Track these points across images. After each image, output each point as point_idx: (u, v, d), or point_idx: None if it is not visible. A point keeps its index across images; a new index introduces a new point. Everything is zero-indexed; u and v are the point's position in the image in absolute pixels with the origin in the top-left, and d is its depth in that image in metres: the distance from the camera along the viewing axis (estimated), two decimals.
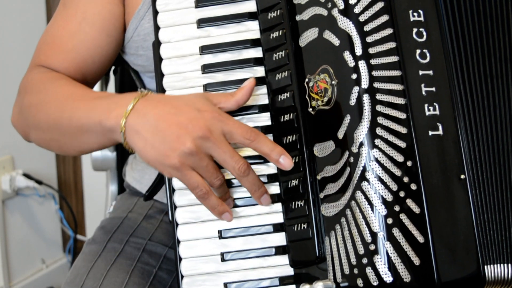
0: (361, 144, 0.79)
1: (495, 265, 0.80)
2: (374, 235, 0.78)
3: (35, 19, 2.32)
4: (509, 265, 0.81)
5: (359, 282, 0.79)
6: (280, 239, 0.88)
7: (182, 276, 0.89)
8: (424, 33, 0.82)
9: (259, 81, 0.91)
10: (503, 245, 0.81)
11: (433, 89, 0.81)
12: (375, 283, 0.77)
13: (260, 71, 0.92)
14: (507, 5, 0.85)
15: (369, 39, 0.81)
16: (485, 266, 0.80)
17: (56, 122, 0.93)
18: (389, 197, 0.78)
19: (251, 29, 0.93)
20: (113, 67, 1.24)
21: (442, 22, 0.83)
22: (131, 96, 0.85)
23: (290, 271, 0.88)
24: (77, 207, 2.49)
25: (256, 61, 0.92)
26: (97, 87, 1.37)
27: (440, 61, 0.82)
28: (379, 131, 0.79)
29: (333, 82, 0.82)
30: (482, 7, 0.85)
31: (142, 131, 0.82)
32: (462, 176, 0.80)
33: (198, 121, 0.81)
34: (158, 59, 0.94)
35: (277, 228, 0.88)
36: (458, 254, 0.79)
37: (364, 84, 0.80)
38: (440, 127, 0.80)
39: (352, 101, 0.80)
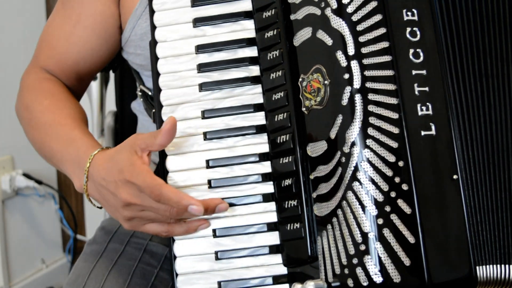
0: (352, 144, 0.79)
1: (487, 266, 0.80)
2: (364, 235, 0.78)
3: (35, 19, 2.33)
4: (502, 266, 0.80)
5: (350, 282, 0.78)
6: (274, 238, 0.88)
7: (177, 275, 0.90)
8: (418, 33, 0.82)
9: (255, 80, 0.91)
10: (496, 246, 0.81)
11: (426, 88, 0.81)
12: (365, 283, 0.77)
13: (255, 70, 0.92)
14: (503, 4, 0.85)
15: (362, 38, 0.81)
16: (477, 267, 0.79)
17: (40, 151, 1.03)
18: (380, 198, 0.78)
19: (247, 28, 0.93)
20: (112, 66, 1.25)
21: (437, 21, 0.83)
22: (85, 160, 0.92)
23: (283, 270, 0.88)
24: (77, 207, 2.49)
25: (252, 60, 0.92)
26: (97, 88, 1.39)
27: (434, 60, 0.82)
28: (370, 131, 0.79)
29: (326, 82, 0.82)
30: (478, 6, 0.84)
31: (99, 200, 0.92)
32: (455, 177, 0.80)
33: (118, 192, 0.86)
34: (154, 58, 0.94)
35: (271, 227, 0.88)
36: (449, 255, 0.78)
37: (356, 84, 0.80)
38: (433, 127, 0.80)
39: (344, 101, 0.80)
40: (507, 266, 0.81)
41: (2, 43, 2.17)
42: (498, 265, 0.80)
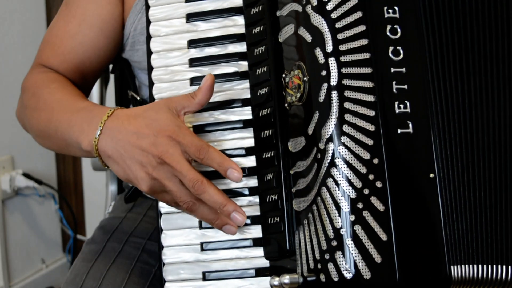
0: (328, 141, 0.80)
1: (462, 266, 0.79)
2: (336, 231, 0.78)
3: (35, 19, 2.32)
4: (477, 265, 0.80)
5: (322, 277, 0.79)
6: (258, 231, 0.90)
7: (164, 264, 0.92)
8: (399, 30, 0.81)
9: (244, 75, 0.93)
10: (472, 246, 0.80)
11: (405, 86, 0.80)
12: (335, 279, 0.78)
13: (244, 66, 0.93)
14: (485, 1, 0.83)
15: (340, 36, 0.81)
16: (452, 266, 0.79)
17: (46, 131, 0.99)
18: (353, 194, 0.78)
19: (238, 24, 0.94)
20: (111, 66, 1.27)
21: (419, 19, 0.82)
22: (100, 116, 0.88)
23: (266, 263, 0.90)
24: (77, 207, 2.49)
25: (241, 56, 0.93)
26: (97, 87, 1.41)
27: (414, 58, 0.81)
28: (346, 128, 0.79)
29: (305, 78, 0.83)
30: (461, 3, 0.83)
31: (113, 156, 0.86)
32: (432, 175, 0.79)
33: (155, 148, 0.83)
34: (149, 53, 0.96)
35: (255, 220, 0.90)
36: (423, 254, 0.78)
37: (333, 81, 0.80)
38: (411, 125, 0.80)
39: (321, 98, 0.81)
40: (482, 265, 0.80)
41: (2, 43, 2.17)
42: (474, 265, 0.80)
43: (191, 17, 0.95)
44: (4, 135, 2.16)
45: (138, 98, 1.12)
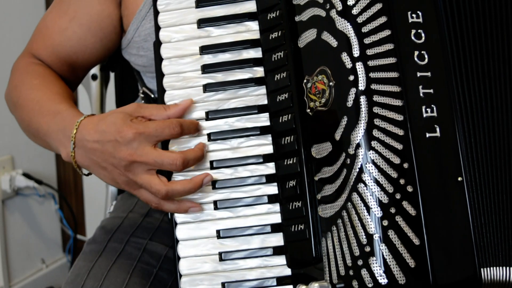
0: (357, 146, 0.79)
1: (492, 268, 0.80)
2: (369, 236, 0.78)
3: (35, 19, 2.29)
4: (506, 268, 0.80)
5: (354, 283, 0.79)
6: (278, 239, 0.89)
7: (181, 275, 0.90)
8: (423, 35, 0.82)
9: (259, 81, 0.91)
10: (500, 248, 0.81)
11: (431, 91, 0.81)
12: (370, 285, 0.77)
13: (259, 72, 0.92)
14: (507, 6, 0.85)
15: (367, 40, 0.81)
16: (482, 269, 0.79)
17: (28, 130, 1.03)
18: (385, 199, 0.78)
19: (251, 30, 0.93)
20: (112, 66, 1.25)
21: (442, 23, 0.83)
22: (70, 127, 0.91)
23: (288, 272, 0.88)
24: (77, 207, 2.49)
25: (256, 62, 0.92)
26: (97, 88, 1.38)
27: (439, 62, 0.82)
28: (375, 133, 0.79)
29: (331, 83, 0.82)
30: (482, 8, 0.84)
31: (91, 165, 0.90)
32: (460, 178, 0.80)
33: (119, 149, 0.85)
34: (158, 59, 0.94)
35: (275, 228, 0.89)
36: (454, 257, 0.78)
37: (361, 85, 0.80)
38: (438, 129, 0.80)
39: (349, 103, 0.80)
40: (511, 268, 0.81)
41: (2, 43, 2.17)
42: (503, 267, 0.81)
43: (203, 22, 0.94)
44: (4, 135, 2.15)
45: (153, 96, 1.10)
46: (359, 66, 0.80)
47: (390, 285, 0.77)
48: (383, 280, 0.77)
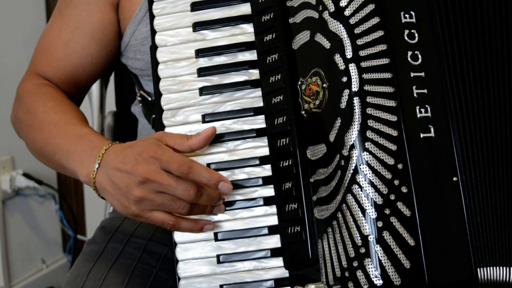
0: (351, 147, 0.79)
1: (489, 268, 0.80)
2: (364, 238, 0.78)
3: (35, 20, 2.32)
4: (503, 268, 0.80)
5: (350, 285, 0.79)
6: (275, 241, 0.89)
7: (179, 278, 0.90)
8: (416, 35, 0.82)
9: (255, 83, 0.91)
10: (498, 247, 0.80)
11: (425, 91, 0.80)
12: (365, 286, 0.77)
13: (255, 74, 0.92)
14: (501, 5, 0.84)
15: (360, 41, 0.81)
16: (478, 269, 0.79)
17: (42, 152, 1.01)
18: (379, 200, 0.78)
19: (246, 32, 0.93)
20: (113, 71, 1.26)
21: (435, 23, 0.83)
22: (99, 148, 0.91)
23: (285, 273, 0.88)
24: (77, 207, 2.49)
25: (251, 64, 0.92)
26: (97, 88, 1.39)
27: (432, 62, 0.81)
28: (369, 134, 0.79)
29: (324, 85, 0.82)
30: (476, 7, 0.84)
31: (107, 187, 0.89)
32: (455, 178, 0.80)
33: (137, 168, 0.84)
34: (155, 63, 0.94)
35: (273, 230, 0.89)
36: (450, 257, 0.78)
37: (355, 87, 0.80)
38: (432, 129, 0.80)
39: (343, 104, 0.80)
40: (508, 268, 0.80)
41: (2, 43, 2.17)
42: (500, 267, 0.80)
43: (198, 26, 0.94)
44: (4, 135, 2.16)
45: (150, 99, 1.10)
46: (352, 67, 0.80)
47: (385, 286, 0.77)
48: (378, 281, 0.77)
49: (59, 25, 1.09)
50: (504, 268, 0.80)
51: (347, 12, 0.81)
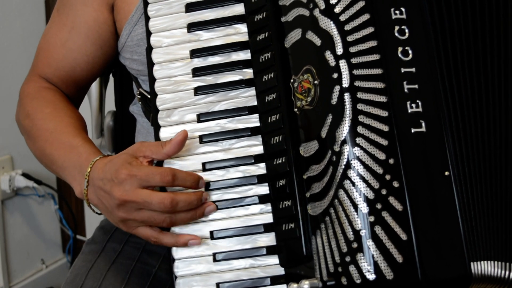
0: (343, 143, 0.80)
1: (482, 262, 0.80)
2: (356, 233, 0.78)
3: (35, 20, 2.33)
4: (497, 262, 0.80)
5: (343, 280, 0.79)
6: (270, 239, 0.89)
7: (176, 277, 0.91)
8: (407, 31, 0.82)
9: (249, 83, 0.92)
10: (492, 242, 0.80)
11: (416, 86, 0.81)
12: (358, 281, 0.77)
13: (249, 73, 0.92)
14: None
15: (350, 38, 0.81)
16: (472, 263, 0.79)
17: (41, 159, 1.04)
18: (370, 195, 0.78)
19: (240, 32, 0.94)
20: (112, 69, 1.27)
21: (426, 19, 0.83)
22: (86, 165, 0.93)
23: (281, 271, 0.89)
24: (76, 207, 2.49)
25: (245, 63, 0.93)
26: (97, 88, 1.40)
27: (423, 58, 0.82)
28: (360, 129, 0.79)
29: (316, 82, 0.82)
30: (470, 2, 0.84)
31: (98, 205, 0.91)
32: (447, 173, 0.80)
33: (114, 190, 0.86)
34: (150, 64, 0.95)
35: (268, 228, 0.89)
36: (443, 251, 0.78)
37: (345, 83, 0.80)
38: (423, 124, 0.80)
39: (334, 100, 0.81)
40: (502, 263, 0.80)
41: (2, 43, 2.18)
42: (493, 262, 0.80)
43: (193, 26, 0.95)
44: (4, 135, 2.17)
45: (149, 97, 1.11)
46: (343, 63, 0.81)
47: (378, 281, 0.77)
48: (370, 276, 0.77)
49: (57, 25, 1.10)
50: (499, 262, 0.80)
51: (337, 9, 0.82)
